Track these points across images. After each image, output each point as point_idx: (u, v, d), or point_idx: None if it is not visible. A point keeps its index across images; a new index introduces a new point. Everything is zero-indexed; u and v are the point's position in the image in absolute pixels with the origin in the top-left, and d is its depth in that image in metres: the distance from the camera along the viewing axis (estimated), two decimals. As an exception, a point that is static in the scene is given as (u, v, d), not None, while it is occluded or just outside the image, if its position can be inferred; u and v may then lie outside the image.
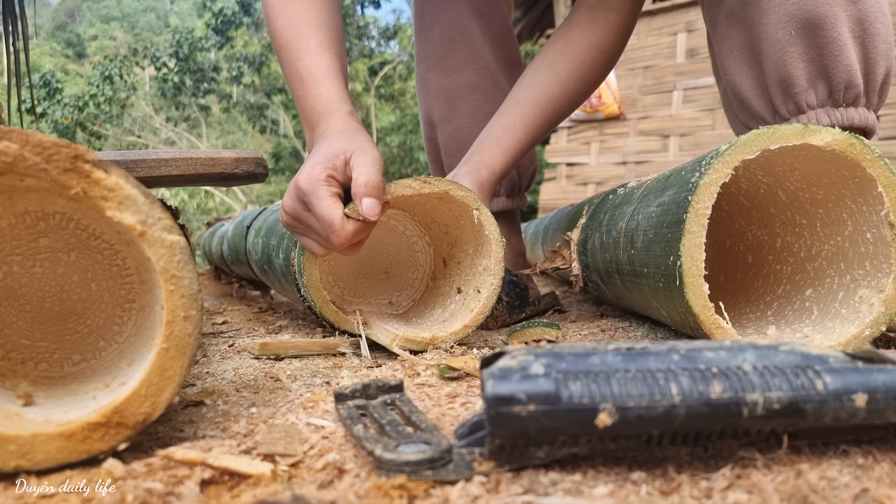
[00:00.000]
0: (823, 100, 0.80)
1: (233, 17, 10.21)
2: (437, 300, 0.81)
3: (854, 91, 0.79)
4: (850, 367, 0.36)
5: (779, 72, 0.81)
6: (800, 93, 0.80)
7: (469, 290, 0.76)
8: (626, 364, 0.35)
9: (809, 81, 0.80)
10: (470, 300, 0.74)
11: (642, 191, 0.72)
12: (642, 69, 3.49)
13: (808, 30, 0.78)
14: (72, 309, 0.53)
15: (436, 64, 1.16)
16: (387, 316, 0.80)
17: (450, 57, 1.14)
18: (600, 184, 3.56)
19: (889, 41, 0.79)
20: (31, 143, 0.38)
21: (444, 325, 0.73)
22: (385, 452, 0.36)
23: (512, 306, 0.94)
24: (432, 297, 0.83)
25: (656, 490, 0.33)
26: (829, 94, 0.80)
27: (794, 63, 0.80)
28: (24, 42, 1.57)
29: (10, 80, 1.61)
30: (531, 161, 1.18)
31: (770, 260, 0.74)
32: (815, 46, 0.79)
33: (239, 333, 0.93)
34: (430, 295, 0.84)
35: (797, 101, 0.81)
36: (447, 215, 0.76)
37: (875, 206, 0.57)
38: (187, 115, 10.66)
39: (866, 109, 0.80)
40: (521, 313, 0.96)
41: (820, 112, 0.79)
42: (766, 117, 0.84)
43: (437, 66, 1.15)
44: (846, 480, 0.34)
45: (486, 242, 0.72)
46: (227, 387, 0.59)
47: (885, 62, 0.80)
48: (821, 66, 0.79)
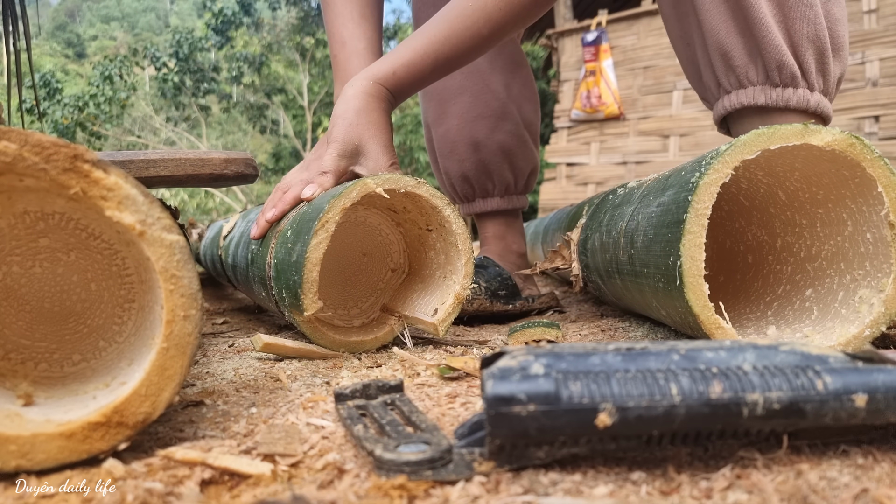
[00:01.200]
0: (763, 78, 0.80)
1: (233, 17, 10.20)
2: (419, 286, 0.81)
3: (788, 71, 0.78)
4: (850, 367, 0.36)
5: (720, 44, 0.81)
6: (740, 66, 0.81)
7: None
8: (626, 364, 0.35)
9: (750, 57, 0.80)
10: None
11: (642, 191, 0.72)
12: (642, 69, 3.49)
13: (739, 8, 0.79)
14: (71, 309, 0.53)
15: None
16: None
17: None
18: (600, 184, 3.56)
19: (816, 23, 0.78)
20: (30, 143, 0.38)
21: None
22: (385, 452, 0.36)
23: (495, 294, 0.94)
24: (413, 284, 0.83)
25: (656, 490, 0.33)
26: (766, 74, 0.79)
27: (733, 37, 0.80)
28: (26, 42, 1.57)
29: (10, 80, 1.61)
30: (527, 162, 1.18)
31: (770, 260, 0.74)
32: (747, 25, 0.79)
33: (239, 333, 0.93)
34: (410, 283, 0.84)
35: (738, 75, 0.81)
36: (413, 208, 0.76)
37: (875, 206, 0.57)
38: (187, 115, 10.66)
39: (808, 91, 0.79)
40: (507, 304, 0.96)
41: (758, 90, 0.79)
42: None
43: None
44: (846, 480, 0.34)
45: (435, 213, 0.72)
46: (227, 387, 0.59)
47: (812, 43, 0.78)
48: (754, 44, 0.79)
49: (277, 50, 10.14)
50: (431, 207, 0.71)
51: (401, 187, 0.68)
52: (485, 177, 1.15)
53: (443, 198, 0.71)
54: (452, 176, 1.18)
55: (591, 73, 3.57)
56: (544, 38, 4.02)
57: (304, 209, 0.72)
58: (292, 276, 0.66)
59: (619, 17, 3.58)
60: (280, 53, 10.12)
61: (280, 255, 0.70)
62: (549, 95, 5.67)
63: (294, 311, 0.68)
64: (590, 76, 3.58)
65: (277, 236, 0.73)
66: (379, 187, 0.66)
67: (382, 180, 0.67)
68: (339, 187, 0.68)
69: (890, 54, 2.83)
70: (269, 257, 0.74)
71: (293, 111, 10.18)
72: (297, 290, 0.65)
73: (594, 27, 3.63)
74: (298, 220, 0.70)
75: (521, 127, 1.17)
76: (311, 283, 0.64)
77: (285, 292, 0.69)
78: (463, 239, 0.72)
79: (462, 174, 1.16)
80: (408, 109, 8.99)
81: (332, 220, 0.65)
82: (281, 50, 10.11)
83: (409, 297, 0.80)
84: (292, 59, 10.01)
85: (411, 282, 0.83)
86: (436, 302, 0.74)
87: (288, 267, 0.68)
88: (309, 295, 0.65)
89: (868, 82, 2.88)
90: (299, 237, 0.67)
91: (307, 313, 0.65)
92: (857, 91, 2.90)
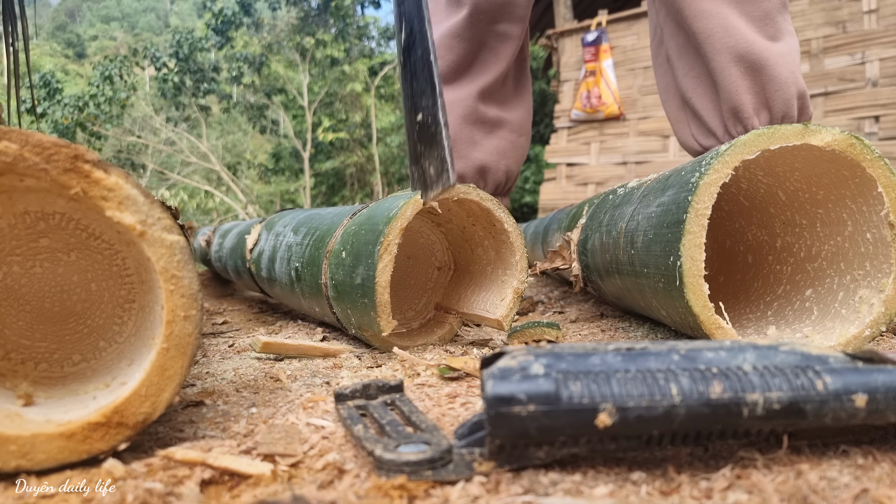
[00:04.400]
0: (766, 124, 1.04)
1: (233, 18, 10.19)
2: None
3: (789, 119, 1.06)
4: (850, 368, 0.36)
5: (731, 101, 1.06)
6: (747, 118, 1.06)
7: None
8: (626, 364, 0.35)
9: (755, 110, 1.05)
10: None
11: (642, 191, 0.72)
12: (642, 69, 3.49)
13: (755, 69, 1.04)
14: (72, 309, 0.53)
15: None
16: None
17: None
18: (600, 184, 3.56)
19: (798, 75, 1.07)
20: (30, 144, 0.38)
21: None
22: (385, 452, 0.36)
23: None
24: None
25: (656, 490, 0.33)
26: (769, 121, 1.06)
27: (743, 94, 1.05)
28: (25, 42, 1.57)
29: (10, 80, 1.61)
30: (517, 164, 1.32)
31: (770, 260, 0.74)
32: (760, 83, 1.05)
33: (239, 333, 0.93)
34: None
35: (745, 125, 1.06)
36: (459, 210, 0.77)
37: (875, 206, 0.57)
38: (187, 115, 10.64)
39: None
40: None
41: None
42: (719, 134, 1.10)
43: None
44: (846, 480, 0.34)
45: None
46: (227, 387, 0.59)
47: (805, 98, 1.08)
48: (763, 98, 1.05)
49: (277, 50, 10.13)
50: (482, 210, 0.72)
51: (452, 196, 0.68)
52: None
53: (492, 200, 0.71)
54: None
55: (591, 74, 3.57)
56: (544, 39, 4.02)
57: (352, 228, 0.72)
58: (360, 299, 0.67)
59: (619, 17, 3.58)
60: (280, 53, 10.12)
61: (338, 276, 0.71)
62: (549, 95, 5.67)
63: (364, 329, 0.70)
64: (590, 76, 3.58)
65: (329, 257, 0.73)
66: (429, 202, 0.67)
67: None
68: (390, 206, 0.68)
69: (890, 54, 2.83)
70: (324, 277, 0.74)
71: (293, 111, 10.16)
72: (371, 313, 0.66)
73: (594, 27, 3.63)
74: (351, 240, 0.70)
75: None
76: (383, 305, 0.65)
77: (352, 313, 0.70)
78: (515, 236, 0.73)
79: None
80: (408, 109, 8.95)
81: (393, 242, 0.65)
82: (281, 50, 10.11)
83: (462, 294, 0.81)
84: (292, 59, 10.00)
85: (460, 279, 0.84)
86: (494, 298, 0.75)
87: (352, 290, 0.68)
88: (384, 317, 0.66)
89: (868, 82, 2.88)
90: (359, 260, 0.67)
91: (384, 334, 0.66)
92: (857, 91, 2.90)
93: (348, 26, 9.94)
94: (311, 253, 0.79)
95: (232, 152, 11.53)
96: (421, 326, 0.82)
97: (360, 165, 9.62)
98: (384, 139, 9.08)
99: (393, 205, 0.67)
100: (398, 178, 8.95)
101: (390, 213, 0.66)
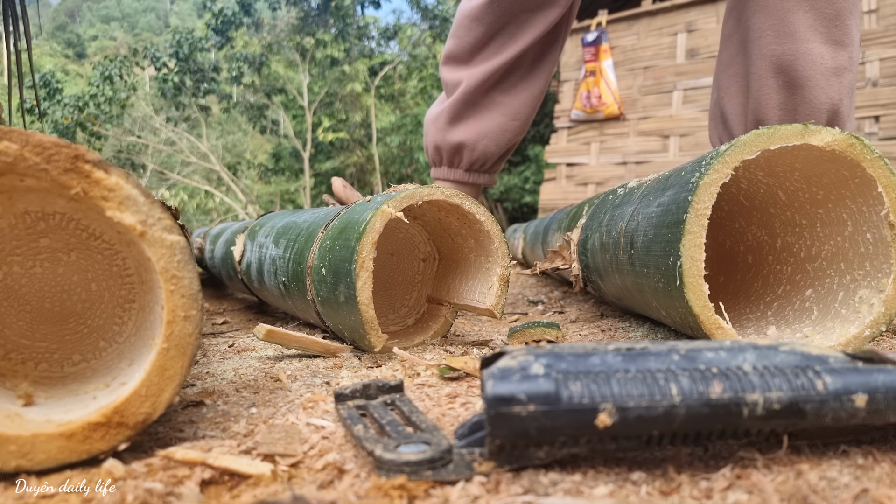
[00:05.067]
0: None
1: (233, 18, 10.20)
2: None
3: None
4: (850, 368, 0.36)
5: (758, 112, 1.00)
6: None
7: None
8: (626, 364, 0.35)
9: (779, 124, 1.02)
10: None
11: (642, 191, 0.72)
12: (642, 69, 3.49)
13: (792, 86, 0.97)
14: (72, 309, 0.53)
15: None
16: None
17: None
18: (600, 184, 3.56)
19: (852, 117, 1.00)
20: (31, 144, 0.38)
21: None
22: (385, 452, 0.36)
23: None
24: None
25: (656, 490, 0.33)
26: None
27: (772, 109, 0.99)
28: (27, 42, 1.57)
29: (10, 80, 1.61)
30: (497, 146, 1.27)
31: (770, 260, 0.74)
32: (793, 102, 0.97)
33: (239, 333, 0.93)
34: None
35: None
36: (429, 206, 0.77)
37: (875, 207, 0.57)
38: (187, 115, 10.65)
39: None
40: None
41: None
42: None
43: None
44: (846, 480, 0.34)
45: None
46: (227, 387, 0.59)
47: (837, 123, 0.98)
48: (791, 120, 0.97)
49: (277, 50, 10.14)
50: (450, 205, 0.72)
51: (417, 201, 0.68)
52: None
53: (458, 195, 0.71)
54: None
55: (591, 74, 3.57)
56: (544, 39, 4.00)
57: (327, 244, 0.72)
58: (348, 317, 0.67)
59: (619, 17, 3.58)
60: (280, 53, 10.12)
61: (322, 293, 0.71)
62: (549, 95, 5.67)
63: (358, 343, 0.70)
64: (590, 76, 3.58)
65: (311, 273, 0.73)
66: (397, 210, 0.67)
67: (398, 201, 0.67)
68: (359, 219, 0.68)
69: (890, 54, 2.83)
70: (310, 294, 0.74)
71: (293, 111, 10.17)
72: (360, 330, 0.66)
73: (594, 27, 3.63)
74: (328, 256, 0.70)
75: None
76: (370, 322, 0.65)
77: (344, 329, 0.70)
78: (490, 224, 0.73)
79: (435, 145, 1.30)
80: (408, 109, 8.99)
81: (367, 258, 0.65)
82: (281, 50, 10.11)
83: (451, 285, 0.82)
84: (292, 59, 10.01)
85: (447, 269, 0.84)
86: (481, 287, 0.75)
87: (338, 307, 0.68)
88: (373, 333, 0.66)
89: (868, 82, 2.88)
90: (339, 277, 0.67)
91: (376, 349, 0.67)
92: (857, 91, 2.90)
93: (348, 26, 9.94)
94: (294, 268, 0.79)
95: (232, 152, 11.53)
96: (416, 322, 0.82)
97: (360, 165, 9.63)
98: (384, 139, 9.08)
99: (361, 217, 0.67)
100: (398, 178, 8.95)
101: (360, 229, 0.66)
